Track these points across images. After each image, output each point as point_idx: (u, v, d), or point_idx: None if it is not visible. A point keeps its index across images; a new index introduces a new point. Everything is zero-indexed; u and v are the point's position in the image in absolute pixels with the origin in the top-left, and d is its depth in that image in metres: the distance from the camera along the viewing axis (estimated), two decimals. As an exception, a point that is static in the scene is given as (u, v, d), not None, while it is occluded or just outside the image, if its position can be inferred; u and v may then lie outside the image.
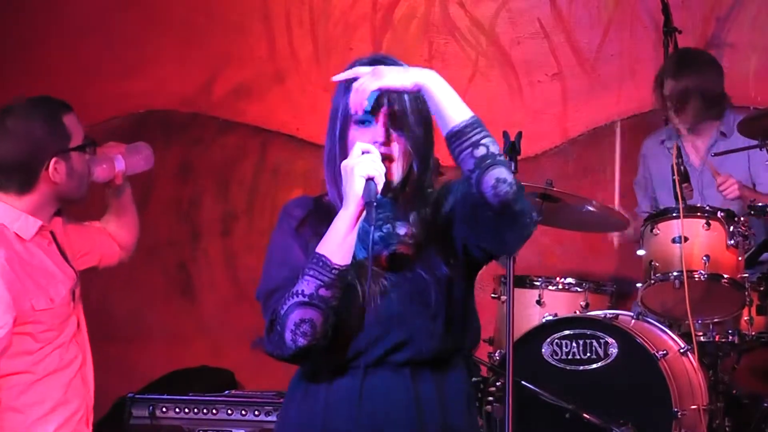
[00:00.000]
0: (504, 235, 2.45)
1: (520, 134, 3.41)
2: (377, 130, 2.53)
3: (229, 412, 3.92)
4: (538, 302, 4.66)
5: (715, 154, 4.92)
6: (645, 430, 4.12)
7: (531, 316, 4.60)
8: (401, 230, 2.59)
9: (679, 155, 4.49)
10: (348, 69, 2.58)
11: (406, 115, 2.54)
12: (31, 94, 6.11)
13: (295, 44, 5.96)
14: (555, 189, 4.54)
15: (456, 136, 2.44)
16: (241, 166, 6.04)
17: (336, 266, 2.46)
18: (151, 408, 3.95)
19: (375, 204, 2.44)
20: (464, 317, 2.57)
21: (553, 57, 5.64)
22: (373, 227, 2.50)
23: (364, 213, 2.45)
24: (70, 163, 3.41)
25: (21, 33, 6.16)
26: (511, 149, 3.38)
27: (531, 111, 5.60)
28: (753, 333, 4.48)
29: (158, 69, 6.07)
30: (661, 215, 4.55)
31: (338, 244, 2.47)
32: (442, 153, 2.61)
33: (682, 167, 4.46)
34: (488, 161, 2.41)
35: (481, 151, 2.42)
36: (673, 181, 4.44)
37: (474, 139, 2.43)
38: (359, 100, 2.49)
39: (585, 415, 4.14)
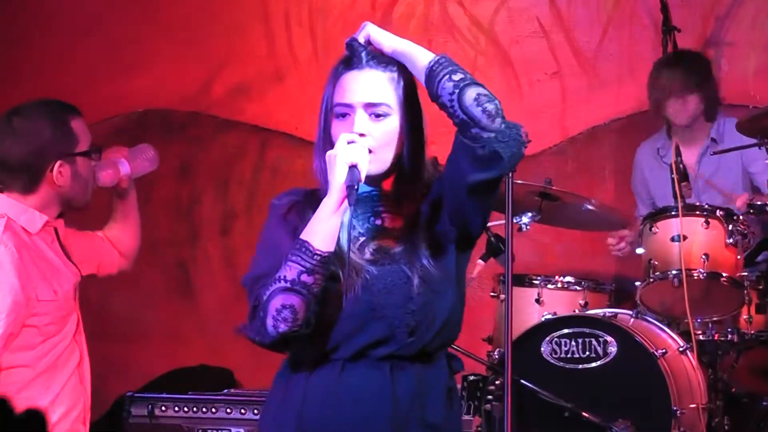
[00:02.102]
0: (501, 153, 2.45)
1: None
2: (356, 121, 2.55)
3: (228, 410, 3.92)
4: (537, 301, 4.66)
5: (714, 153, 4.92)
6: (644, 429, 4.12)
7: (530, 314, 4.60)
8: (388, 223, 2.60)
9: (678, 153, 4.49)
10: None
11: (387, 106, 2.57)
12: (30, 92, 6.13)
13: (294, 43, 5.96)
14: (554, 188, 4.54)
15: (433, 70, 2.49)
16: (240, 165, 6.03)
17: (318, 252, 2.47)
18: (150, 407, 3.95)
19: (357, 188, 2.47)
20: (449, 313, 2.56)
21: (552, 56, 5.64)
22: (353, 218, 2.53)
23: (347, 199, 2.48)
24: (75, 167, 3.43)
25: (20, 32, 6.16)
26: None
27: (530, 110, 5.60)
28: (752, 332, 4.48)
29: (157, 68, 6.06)
30: (660, 214, 4.55)
31: (321, 229, 2.49)
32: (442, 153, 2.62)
33: (681, 165, 4.46)
34: (467, 82, 2.47)
35: (459, 76, 2.48)
36: (672, 179, 4.44)
37: (450, 68, 2.50)
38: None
39: (584, 413, 4.15)
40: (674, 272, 4.40)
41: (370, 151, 2.54)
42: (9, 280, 3.26)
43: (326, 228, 2.49)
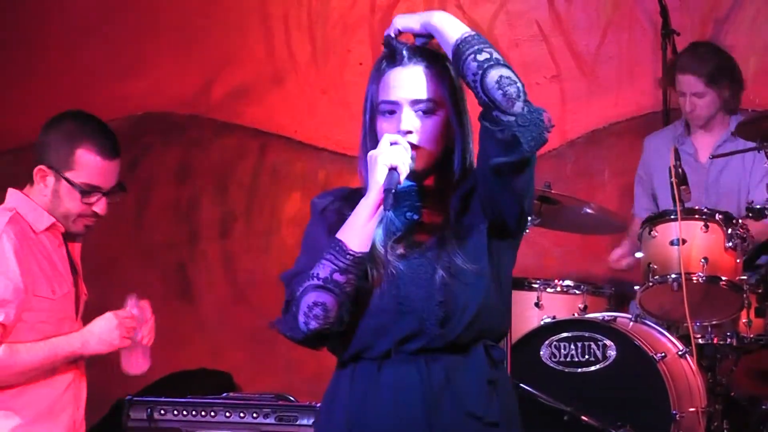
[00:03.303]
0: (519, 138, 2.43)
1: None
2: (402, 118, 2.55)
3: (228, 414, 3.92)
4: (537, 304, 4.66)
5: (713, 156, 4.92)
6: (643, 433, 4.12)
7: (529, 318, 4.60)
8: (426, 218, 2.60)
9: (677, 158, 4.49)
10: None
11: (433, 102, 2.56)
12: (30, 94, 6.15)
13: (294, 46, 5.96)
14: (553, 191, 4.54)
15: (459, 48, 2.47)
16: (239, 168, 6.03)
17: (351, 252, 2.48)
18: (149, 410, 3.95)
19: (394, 192, 2.45)
20: (479, 305, 2.53)
21: (551, 59, 5.64)
22: (390, 214, 2.52)
23: (384, 204, 2.47)
24: (58, 186, 3.41)
25: (20, 34, 6.16)
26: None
27: (529, 113, 5.59)
28: (751, 335, 4.48)
29: (156, 70, 6.07)
30: (659, 217, 4.55)
31: (356, 230, 2.49)
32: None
33: (680, 169, 4.46)
34: (491, 62, 2.44)
35: (483, 56, 2.46)
36: (671, 183, 4.44)
37: (477, 46, 2.47)
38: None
39: (583, 417, 4.14)
40: (673, 276, 4.39)
41: (416, 147, 2.53)
42: (11, 266, 3.27)
43: (361, 228, 2.49)
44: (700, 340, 4.44)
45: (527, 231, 4.50)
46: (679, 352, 4.31)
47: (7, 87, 6.09)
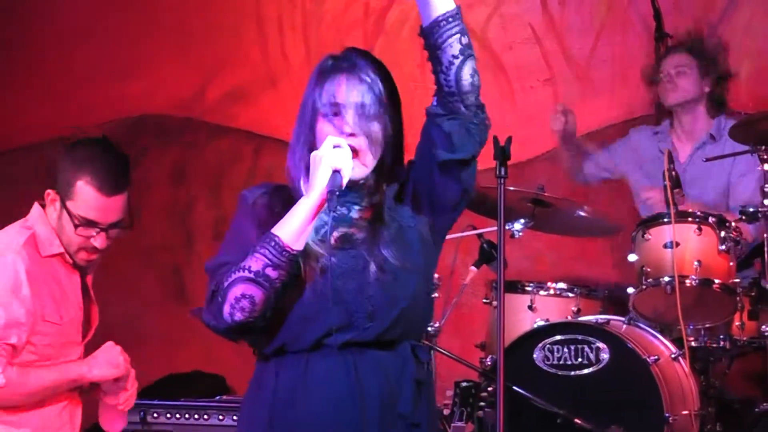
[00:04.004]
0: (475, 135, 2.51)
1: (509, 139, 3.39)
2: (346, 120, 2.56)
3: (221, 417, 3.93)
4: (530, 307, 4.65)
5: (707, 159, 4.93)
6: (636, 436, 4.13)
7: (522, 321, 4.60)
8: (355, 213, 2.61)
9: (671, 161, 4.50)
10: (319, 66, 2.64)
11: (376, 108, 2.58)
12: (27, 96, 6.14)
13: (288, 49, 5.97)
14: (546, 194, 4.54)
15: (447, 21, 2.49)
16: (234, 171, 6.04)
17: (287, 248, 2.49)
18: (142, 413, 3.95)
19: (337, 194, 2.47)
20: (409, 302, 2.55)
21: (545, 62, 5.65)
22: (331, 215, 2.52)
23: (327, 204, 2.49)
24: (61, 214, 3.34)
25: (17, 35, 6.16)
26: (501, 154, 3.36)
27: (523, 116, 5.61)
28: (744, 338, 4.49)
29: (152, 73, 6.07)
30: (652, 220, 4.56)
31: (296, 229, 2.51)
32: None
33: (673, 173, 4.47)
34: (470, 51, 2.50)
35: (466, 40, 2.50)
36: (665, 186, 4.45)
37: (461, 26, 2.51)
38: None
39: (576, 420, 4.15)
40: (667, 279, 4.40)
41: (357, 153, 2.55)
42: (23, 290, 3.25)
43: (300, 227, 2.50)
44: (693, 343, 4.45)
45: (521, 234, 4.51)
46: (673, 355, 4.32)
47: (5, 87, 6.10)
